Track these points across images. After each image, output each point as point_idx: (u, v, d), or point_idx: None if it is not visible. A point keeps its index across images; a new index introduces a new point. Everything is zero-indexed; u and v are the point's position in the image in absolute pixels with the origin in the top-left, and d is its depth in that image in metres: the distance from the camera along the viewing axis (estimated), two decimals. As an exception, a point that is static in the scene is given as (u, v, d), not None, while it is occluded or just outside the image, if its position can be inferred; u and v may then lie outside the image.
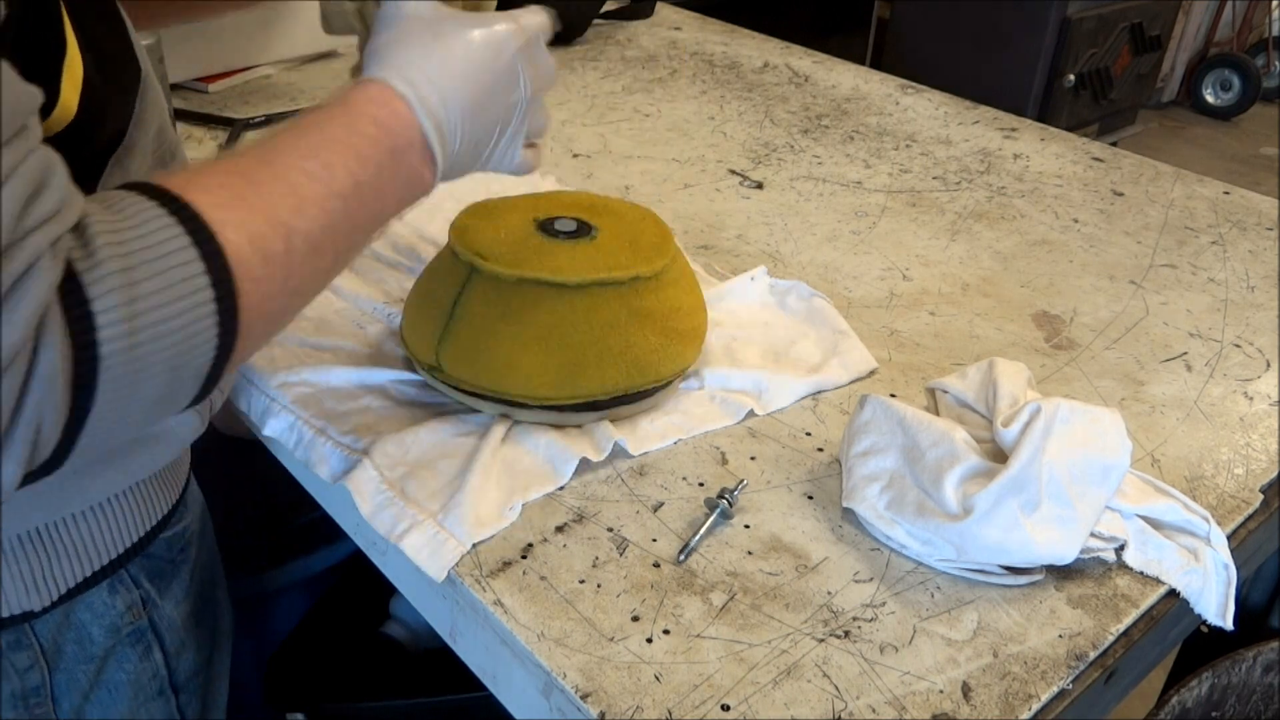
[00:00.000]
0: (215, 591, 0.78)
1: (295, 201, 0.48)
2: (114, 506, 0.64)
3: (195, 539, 0.74)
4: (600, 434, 0.70)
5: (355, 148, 0.52)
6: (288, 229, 0.48)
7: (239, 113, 1.22)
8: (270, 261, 0.47)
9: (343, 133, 0.52)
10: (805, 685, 0.55)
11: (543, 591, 0.60)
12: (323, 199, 0.50)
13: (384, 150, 0.53)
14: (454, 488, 0.66)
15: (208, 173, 0.47)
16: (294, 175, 0.49)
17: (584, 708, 0.53)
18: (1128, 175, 1.18)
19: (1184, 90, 4.43)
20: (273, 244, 0.47)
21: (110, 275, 0.41)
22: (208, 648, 0.77)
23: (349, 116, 0.53)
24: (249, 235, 0.46)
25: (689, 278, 0.77)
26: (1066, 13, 2.91)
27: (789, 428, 0.74)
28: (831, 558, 0.63)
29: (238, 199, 0.46)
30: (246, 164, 0.49)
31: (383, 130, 0.53)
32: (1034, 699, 0.55)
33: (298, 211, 0.48)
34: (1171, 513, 0.65)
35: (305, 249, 0.49)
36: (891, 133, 1.27)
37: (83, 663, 0.67)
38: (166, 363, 0.43)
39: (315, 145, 0.51)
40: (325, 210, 0.50)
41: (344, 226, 0.52)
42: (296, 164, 0.49)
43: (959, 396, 0.72)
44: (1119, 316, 0.91)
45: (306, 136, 0.51)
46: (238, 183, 0.47)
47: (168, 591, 0.71)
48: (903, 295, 0.92)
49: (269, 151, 0.50)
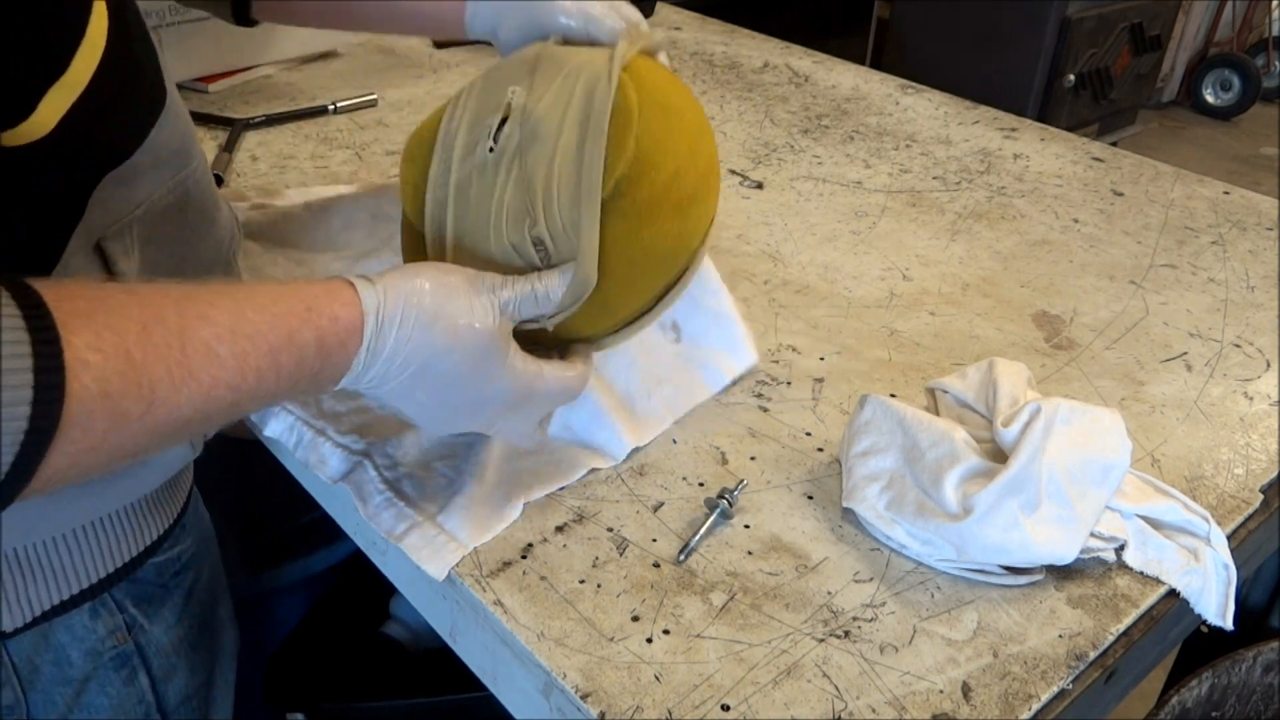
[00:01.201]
0: (216, 611, 0.77)
1: (183, 376, 0.44)
2: (97, 531, 0.63)
3: (193, 562, 0.72)
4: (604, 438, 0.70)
5: (281, 357, 0.48)
6: (156, 398, 0.43)
7: (239, 113, 1.22)
8: (118, 420, 0.42)
9: (282, 335, 0.48)
10: (805, 685, 0.55)
11: (543, 591, 0.60)
12: (213, 385, 0.46)
13: (307, 369, 0.50)
14: (454, 489, 0.66)
15: (112, 306, 0.43)
16: (199, 352, 0.45)
17: (584, 708, 0.53)
18: (1128, 175, 1.18)
19: (1184, 90, 4.43)
20: (130, 405, 0.42)
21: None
22: (205, 670, 0.75)
23: (303, 322, 0.49)
24: (107, 389, 0.41)
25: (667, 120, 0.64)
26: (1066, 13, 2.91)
27: (789, 428, 0.74)
28: (831, 558, 0.63)
29: (120, 349, 0.42)
30: (164, 314, 0.45)
31: (320, 353, 0.50)
32: (1034, 699, 0.55)
33: (178, 387, 0.44)
34: (1171, 513, 0.65)
35: (166, 421, 0.44)
36: (891, 133, 1.27)
37: (60, 685, 0.65)
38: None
39: (246, 331, 0.47)
40: (210, 396, 0.46)
41: (220, 414, 0.48)
42: (211, 342, 0.45)
43: (959, 396, 0.72)
44: (1119, 316, 0.91)
45: (245, 317, 0.47)
46: (134, 330, 0.43)
47: (157, 616, 0.69)
48: (903, 295, 0.92)
49: (197, 313, 0.46)
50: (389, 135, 1.19)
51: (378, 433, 0.70)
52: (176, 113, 0.61)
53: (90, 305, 0.42)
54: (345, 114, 1.23)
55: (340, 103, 1.24)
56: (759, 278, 0.94)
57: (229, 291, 0.49)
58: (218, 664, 0.77)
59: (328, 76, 1.35)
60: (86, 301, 0.42)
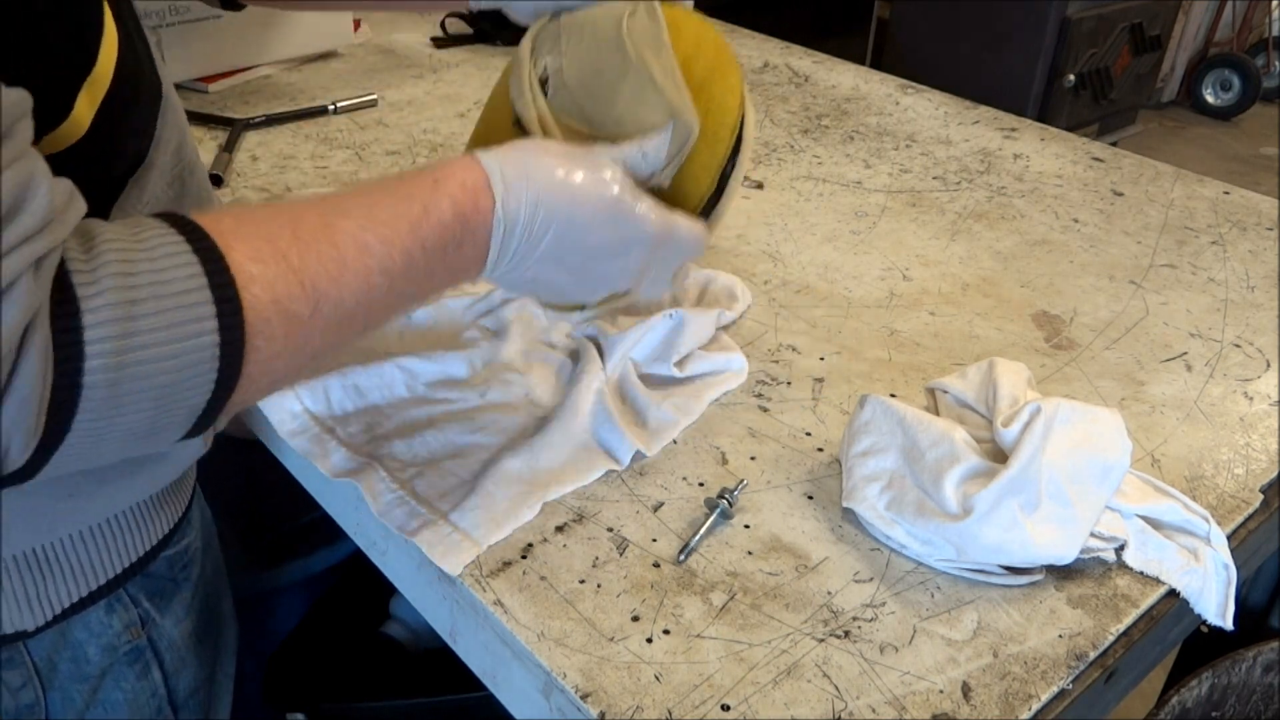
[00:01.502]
0: (219, 606, 0.78)
1: (338, 270, 0.46)
2: (113, 526, 0.64)
3: (198, 556, 0.73)
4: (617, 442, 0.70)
5: (422, 231, 0.50)
6: (320, 295, 0.46)
7: (239, 113, 1.22)
8: (292, 323, 0.45)
9: (417, 210, 0.50)
10: (805, 685, 0.55)
11: (543, 591, 0.60)
12: (368, 273, 0.48)
13: (450, 238, 0.51)
14: (467, 488, 0.66)
15: (258, 219, 0.45)
16: (347, 243, 0.47)
17: (584, 708, 0.53)
18: (1128, 175, 1.18)
19: (1184, 90, 4.43)
20: (299, 307, 0.45)
21: (108, 304, 0.39)
22: (210, 664, 0.76)
23: (433, 193, 0.51)
24: (275, 295, 0.44)
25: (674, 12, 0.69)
26: (1066, 13, 2.91)
27: (789, 428, 0.74)
28: (831, 558, 0.63)
29: (277, 255, 0.44)
30: (304, 216, 0.47)
31: (458, 218, 0.51)
32: (1034, 699, 0.55)
33: (337, 280, 0.46)
34: (1171, 513, 0.65)
35: (334, 317, 0.47)
36: (891, 133, 1.27)
37: (78, 682, 0.66)
38: (153, 398, 0.41)
39: (384, 216, 0.49)
40: (368, 285, 0.48)
41: (381, 302, 0.50)
42: (355, 232, 0.47)
43: (959, 396, 0.72)
44: (1119, 316, 0.91)
45: (379, 202, 0.49)
46: (284, 235, 0.45)
47: (168, 610, 0.70)
48: (903, 295, 0.92)
49: (334, 208, 0.48)
50: (389, 135, 1.19)
51: (386, 433, 0.70)
52: (174, 107, 0.61)
53: (237, 222, 0.44)
54: (345, 114, 1.23)
55: (340, 103, 1.24)
56: (759, 278, 0.94)
57: (357, 188, 0.50)
58: (220, 659, 0.78)
59: (328, 76, 1.35)
60: (234, 220, 0.44)
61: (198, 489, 0.74)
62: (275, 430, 0.72)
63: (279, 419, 0.72)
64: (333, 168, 1.10)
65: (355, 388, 0.74)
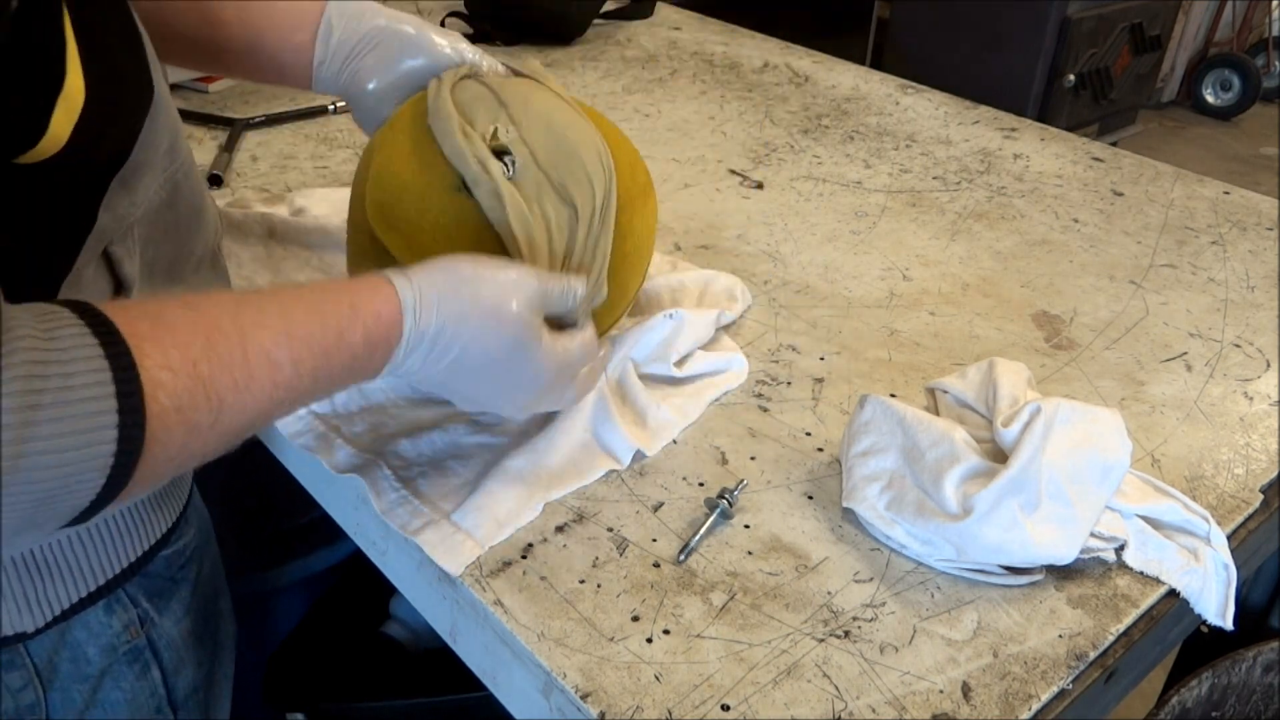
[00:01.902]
0: (218, 604, 0.78)
1: (246, 382, 0.47)
2: (111, 527, 0.64)
3: (196, 554, 0.73)
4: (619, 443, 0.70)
5: (333, 357, 0.51)
6: (224, 406, 0.46)
7: (239, 113, 1.22)
8: (191, 431, 0.45)
9: (332, 336, 0.51)
10: (805, 685, 0.55)
11: (543, 591, 0.60)
12: (274, 388, 0.48)
13: (357, 362, 0.53)
14: (470, 488, 0.66)
15: (176, 324, 0.45)
16: (259, 358, 0.47)
17: (584, 708, 0.53)
18: (1128, 175, 1.18)
19: (1184, 90, 4.43)
20: (201, 417, 0.45)
21: (10, 408, 0.38)
22: (209, 663, 0.76)
23: (350, 321, 0.52)
24: (179, 404, 0.43)
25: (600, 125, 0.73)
26: (1066, 13, 2.91)
27: (789, 428, 0.74)
28: (831, 558, 0.63)
29: (188, 363, 0.44)
30: (221, 323, 0.47)
31: (368, 346, 0.53)
32: (1034, 699, 0.55)
33: (242, 393, 0.47)
34: (1171, 513, 0.65)
35: (232, 426, 0.47)
36: (891, 133, 1.27)
37: (78, 682, 0.66)
38: (35, 499, 0.40)
39: (300, 334, 0.49)
40: (271, 398, 0.48)
41: (278, 411, 0.51)
42: (269, 347, 0.48)
43: (959, 396, 0.72)
44: (1119, 316, 0.91)
45: (296, 320, 0.50)
46: (198, 344, 0.45)
47: (167, 609, 0.70)
48: (903, 295, 0.92)
49: (253, 318, 0.48)
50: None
51: (390, 433, 0.71)
52: (165, 108, 0.61)
53: (154, 326, 0.44)
54: (345, 114, 1.23)
55: (340, 103, 1.24)
56: (759, 278, 0.94)
57: (275, 296, 0.51)
58: (219, 658, 0.78)
59: (328, 76, 1.35)
60: (150, 323, 0.44)
61: (194, 488, 0.74)
62: (279, 432, 0.72)
63: (283, 421, 0.72)
64: (333, 168, 1.10)
65: (359, 389, 0.74)
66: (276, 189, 1.05)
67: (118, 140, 0.56)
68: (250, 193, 1.04)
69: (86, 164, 0.54)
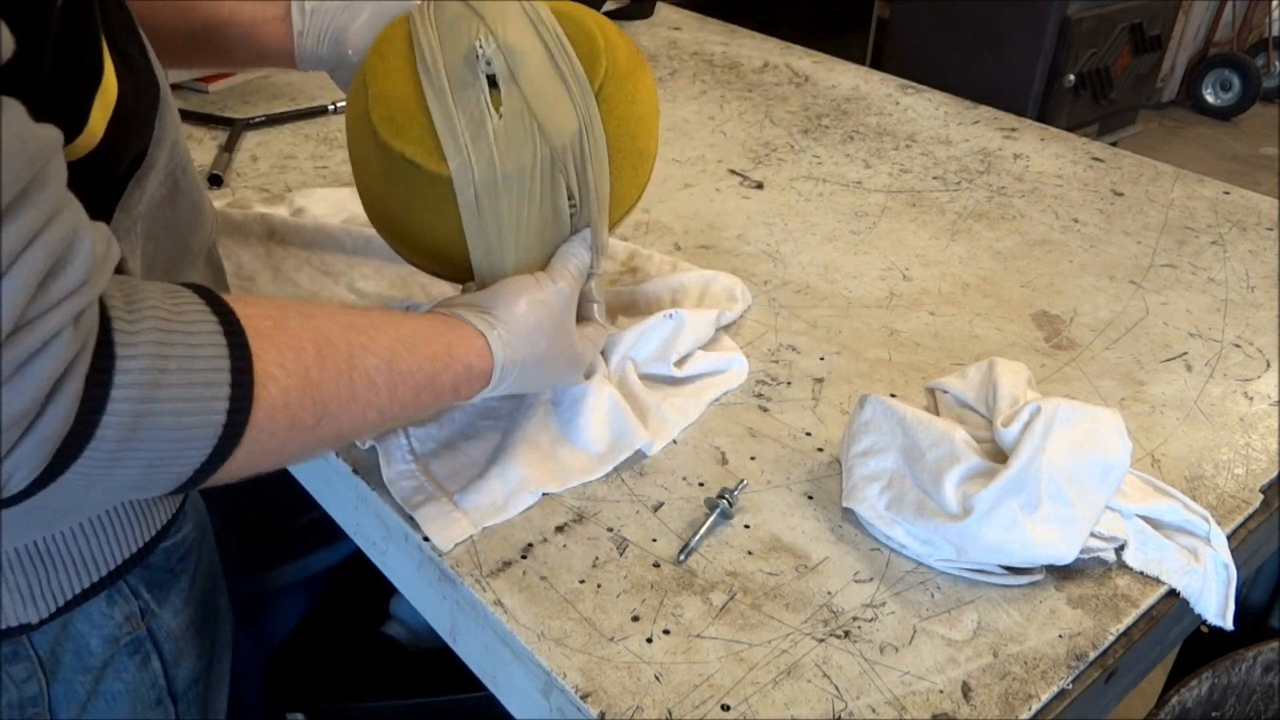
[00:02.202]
0: (215, 598, 0.78)
1: (348, 399, 0.51)
2: (113, 518, 0.64)
3: (195, 547, 0.73)
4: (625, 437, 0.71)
5: (423, 395, 0.56)
6: (325, 414, 0.50)
7: (239, 113, 1.22)
8: (295, 428, 0.48)
9: (425, 375, 0.56)
10: (805, 685, 0.55)
11: (543, 591, 0.60)
12: (369, 408, 0.53)
13: (443, 401, 0.58)
14: (476, 471, 0.67)
15: (292, 329, 0.49)
16: (362, 380, 0.52)
17: (584, 708, 0.53)
18: (1128, 175, 1.18)
19: (1184, 90, 4.43)
20: (303, 418, 0.48)
21: (141, 367, 0.41)
22: (207, 655, 0.77)
23: (446, 365, 0.57)
24: (288, 400, 0.47)
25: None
26: (1066, 13, 2.91)
27: (789, 428, 0.74)
28: (831, 558, 0.63)
29: (300, 367, 0.48)
30: (333, 339, 0.51)
31: (454, 391, 0.58)
32: (1034, 699, 0.55)
33: (343, 406, 0.51)
34: (1171, 513, 0.65)
35: (328, 434, 0.51)
36: (891, 133, 1.27)
37: (80, 673, 0.67)
38: (148, 460, 0.43)
39: (402, 368, 0.54)
40: (364, 417, 0.53)
41: (366, 431, 0.56)
42: (372, 373, 0.52)
43: (959, 396, 0.72)
44: (1119, 316, 0.91)
45: (400, 354, 0.54)
46: (310, 351, 0.49)
47: (167, 601, 0.70)
48: (903, 295, 0.92)
49: (361, 341, 0.52)
50: (389, 135, 1.18)
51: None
52: (169, 105, 0.62)
53: (275, 325, 0.48)
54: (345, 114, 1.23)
55: (340, 103, 1.24)
56: (759, 278, 0.94)
57: (384, 324, 0.55)
58: (217, 651, 0.79)
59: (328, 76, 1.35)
60: (272, 322, 0.48)
61: None
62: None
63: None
64: (333, 168, 1.10)
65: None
66: (276, 189, 1.05)
67: (141, 137, 0.57)
68: (250, 193, 1.04)
69: (114, 161, 0.54)
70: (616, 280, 0.90)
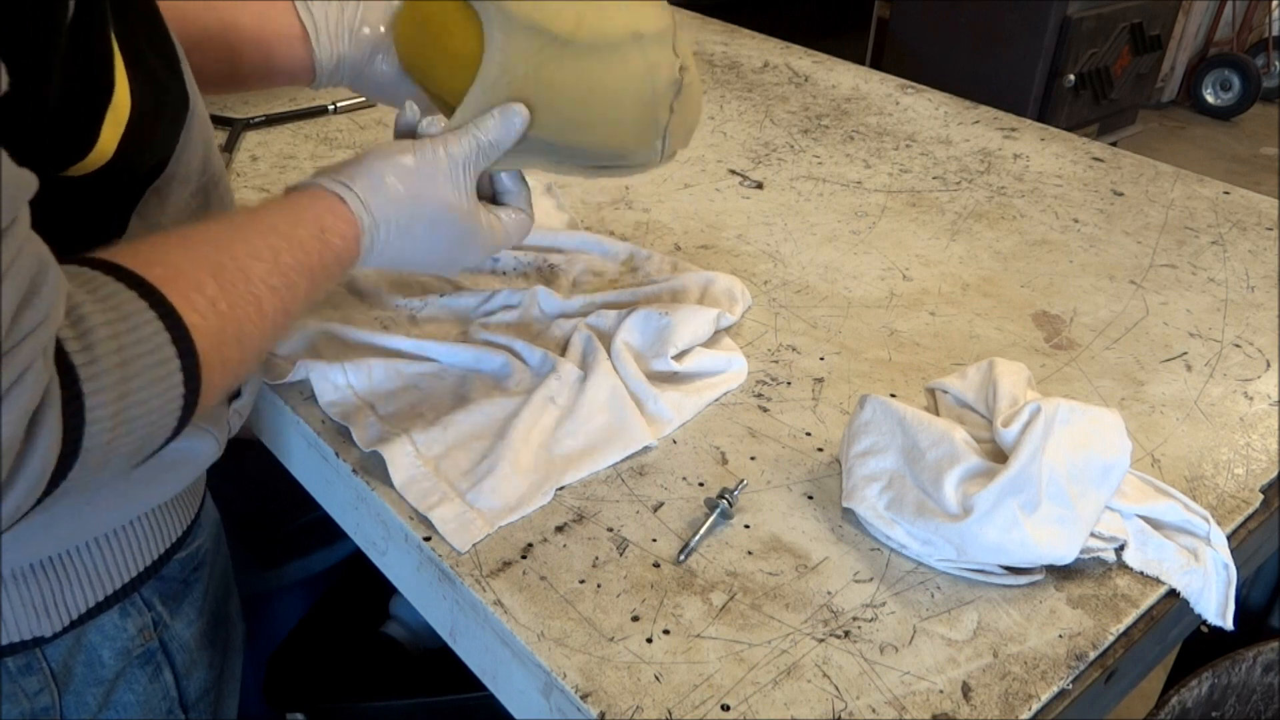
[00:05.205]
0: (227, 607, 0.78)
1: (256, 312, 0.52)
2: (128, 531, 0.64)
3: (209, 556, 0.73)
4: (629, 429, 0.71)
5: (315, 276, 0.56)
6: (244, 337, 0.51)
7: (239, 113, 1.22)
8: (225, 369, 0.50)
9: (313, 260, 0.56)
10: (805, 685, 0.55)
11: (543, 591, 0.60)
12: (275, 316, 0.54)
13: (331, 274, 0.59)
14: (486, 469, 0.67)
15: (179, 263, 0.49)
16: (260, 287, 0.52)
17: (584, 708, 0.53)
18: (1128, 175, 1.18)
19: (1184, 90, 4.43)
20: (230, 351, 0.50)
21: (109, 384, 0.42)
22: (219, 664, 0.76)
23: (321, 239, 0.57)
24: (214, 341, 0.48)
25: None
26: (1066, 13, 2.91)
27: (789, 428, 0.74)
28: (831, 558, 0.63)
29: (209, 304, 0.48)
30: (218, 259, 0.51)
31: (337, 262, 0.59)
32: (1034, 699, 0.55)
33: (257, 321, 0.52)
34: (1171, 513, 0.65)
35: (251, 357, 0.53)
36: (891, 133, 1.27)
37: (92, 685, 0.66)
38: (133, 446, 0.46)
39: (286, 262, 0.54)
40: (275, 324, 0.54)
41: (282, 334, 0.58)
42: (266, 277, 0.53)
43: (959, 396, 0.72)
44: (1119, 316, 0.91)
45: (279, 248, 0.54)
46: (209, 283, 0.49)
47: (179, 612, 0.70)
48: (903, 295, 0.92)
49: (240, 251, 0.52)
50: (389, 134, 1.18)
51: (421, 413, 0.72)
52: (202, 120, 0.62)
53: (167, 271, 0.47)
54: (345, 114, 1.23)
55: (340, 103, 1.24)
56: (759, 278, 0.94)
57: (253, 225, 0.55)
58: (228, 659, 0.78)
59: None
60: (161, 268, 0.47)
61: (207, 492, 0.75)
62: (316, 398, 0.73)
63: (321, 388, 0.73)
64: (333, 168, 1.10)
65: (396, 370, 0.76)
66: (276, 189, 1.05)
67: (158, 152, 0.57)
68: (250, 193, 1.04)
69: (129, 173, 0.55)
70: (616, 280, 0.90)
